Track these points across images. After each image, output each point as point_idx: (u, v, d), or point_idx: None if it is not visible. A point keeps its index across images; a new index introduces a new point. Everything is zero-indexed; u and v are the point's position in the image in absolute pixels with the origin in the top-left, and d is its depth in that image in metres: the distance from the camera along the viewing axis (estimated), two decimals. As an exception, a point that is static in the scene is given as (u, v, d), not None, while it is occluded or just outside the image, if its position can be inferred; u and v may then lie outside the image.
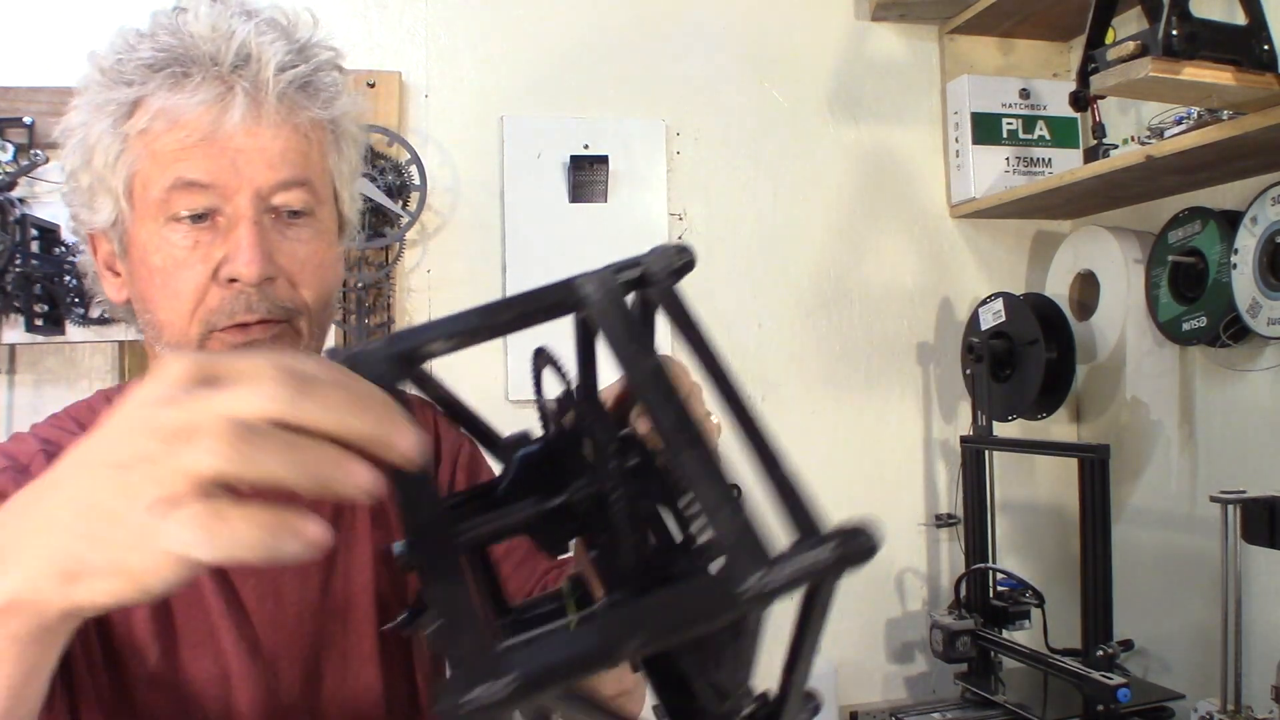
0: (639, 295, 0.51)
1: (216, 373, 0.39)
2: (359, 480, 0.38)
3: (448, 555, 0.39)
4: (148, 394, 0.40)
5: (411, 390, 0.48)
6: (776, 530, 0.40)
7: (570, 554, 0.54)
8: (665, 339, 0.52)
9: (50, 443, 0.75)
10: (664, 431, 0.42)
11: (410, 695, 0.84)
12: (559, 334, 0.51)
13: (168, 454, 0.38)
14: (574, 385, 0.51)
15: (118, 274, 0.77)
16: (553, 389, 0.52)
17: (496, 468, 0.53)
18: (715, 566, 0.39)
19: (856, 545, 0.39)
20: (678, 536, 0.46)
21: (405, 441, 0.39)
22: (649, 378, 0.43)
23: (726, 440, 0.47)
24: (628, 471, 0.48)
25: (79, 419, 0.79)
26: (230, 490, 0.38)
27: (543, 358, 0.53)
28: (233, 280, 0.70)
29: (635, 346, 0.45)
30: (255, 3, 0.75)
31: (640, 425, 0.49)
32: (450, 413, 0.52)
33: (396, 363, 0.45)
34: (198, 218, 0.70)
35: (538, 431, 0.52)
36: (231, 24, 0.70)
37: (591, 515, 0.47)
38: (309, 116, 0.73)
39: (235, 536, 0.37)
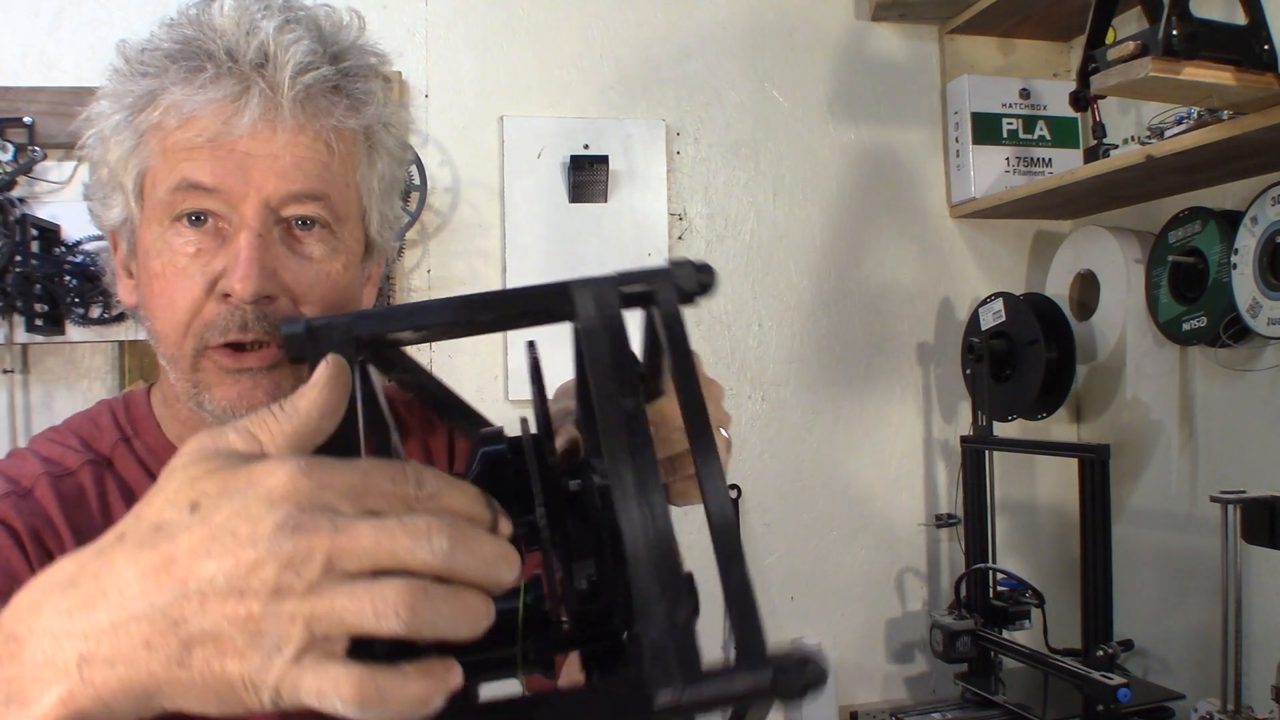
0: (645, 313, 0.46)
1: (347, 488, 0.37)
2: (488, 622, 0.37)
3: None
4: (260, 506, 0.36)
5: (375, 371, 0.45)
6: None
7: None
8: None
9: (53, 462, 0.71)
10: (617, 495, 0.37)
11: None
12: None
13: (319, 598, 0.35)
14: (544, 396, 0.48)
15: (131, 275, 0.73)
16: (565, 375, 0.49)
17: None
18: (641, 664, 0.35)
19: (792, 679, 0.34)
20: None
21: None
22: (618, 424, 0.39)
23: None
24: (565, 513, 0.44)
25: (81, 433, 0.75)
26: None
27: (532, 352, 0.49)
28: (228, 295, 0.66)
29: (614, 384, 0.40)
30: (303, 1, 0.71)
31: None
32: (421, 398, 0.49)
33: (354, 346, 0.42)
34: (198, 219, 0.66)
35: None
36: (256, 19, 0.65)
37: (534, 540, 0.44)
38: (332, 124, 0.67)
39: (387, 710, 0.35)
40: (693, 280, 0.45)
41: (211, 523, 0.36)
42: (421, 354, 1.75)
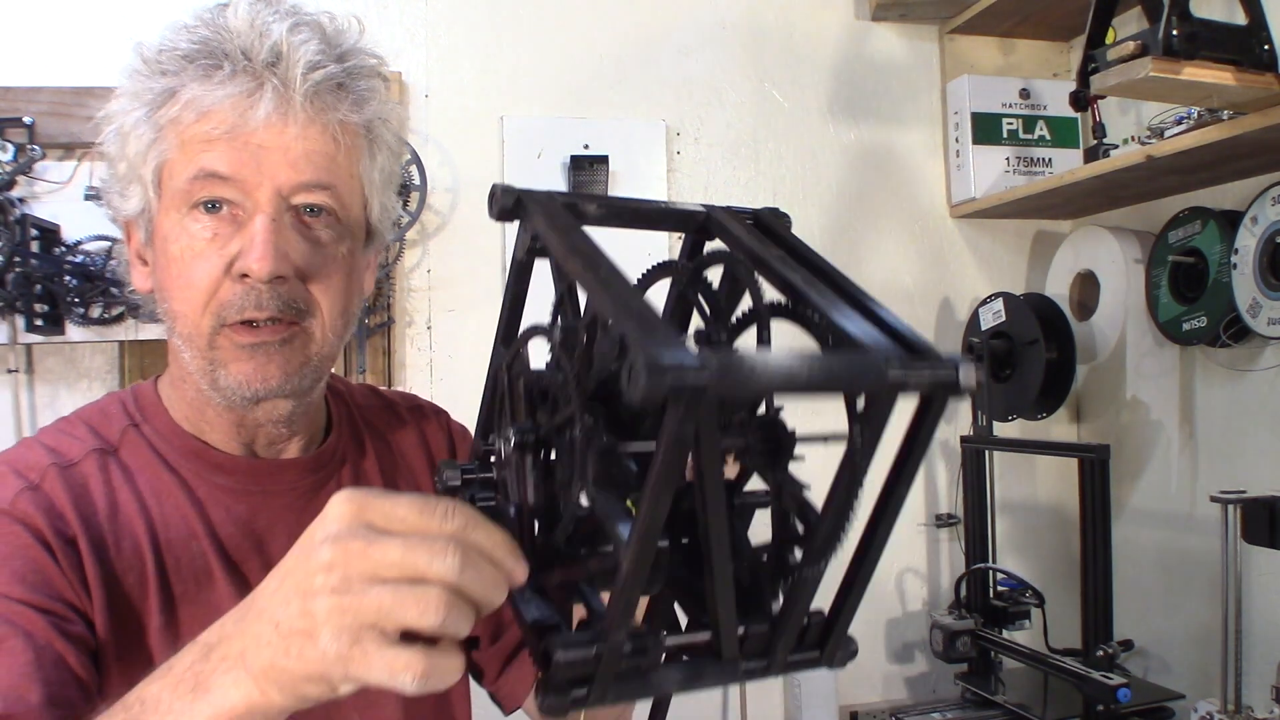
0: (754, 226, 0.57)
1: (384, 514, 0.47)
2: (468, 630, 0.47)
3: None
4: (319, 527, 0.47)
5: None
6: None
7: None
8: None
9: (59, 453, 0.73)
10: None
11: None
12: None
13: (353, 594, 0.44)
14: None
15: (146, 263, 0.77)
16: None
17: None
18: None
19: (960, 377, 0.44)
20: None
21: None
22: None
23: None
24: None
25: (90, 422, 0.77)
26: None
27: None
28: (245, 275, 0.70)
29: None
30: (306, 6, 0.75)
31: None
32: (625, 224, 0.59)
33: (570, 212, 0.53)
34: (214, 206, 0.71)
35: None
36: (269, 22, 0.71)
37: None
38: (338, 119, 0.73)
39: (441, 682, 0.45)
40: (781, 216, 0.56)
41: (307, 541, 0.48)
42: (422, 354, 1.75)
